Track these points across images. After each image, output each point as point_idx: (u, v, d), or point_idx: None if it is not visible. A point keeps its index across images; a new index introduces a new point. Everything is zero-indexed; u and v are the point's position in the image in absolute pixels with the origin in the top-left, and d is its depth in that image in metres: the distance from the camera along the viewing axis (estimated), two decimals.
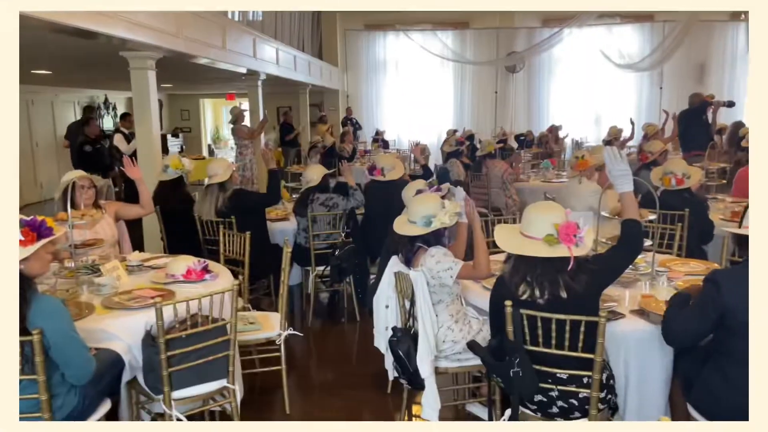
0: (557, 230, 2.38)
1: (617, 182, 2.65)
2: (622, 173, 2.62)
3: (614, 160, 2.64)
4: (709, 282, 2.30)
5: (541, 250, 2.38)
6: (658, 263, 3.41)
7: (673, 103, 14.24)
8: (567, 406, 2.39)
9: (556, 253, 2.35)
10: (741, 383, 2.20)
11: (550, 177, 7.53)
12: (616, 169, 2.63)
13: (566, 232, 2.38)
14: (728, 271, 2.41)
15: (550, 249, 2.37)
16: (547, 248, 2.37)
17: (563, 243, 2.37)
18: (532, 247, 2.40)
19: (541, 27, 14.61)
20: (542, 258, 2.37)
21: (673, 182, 4.21)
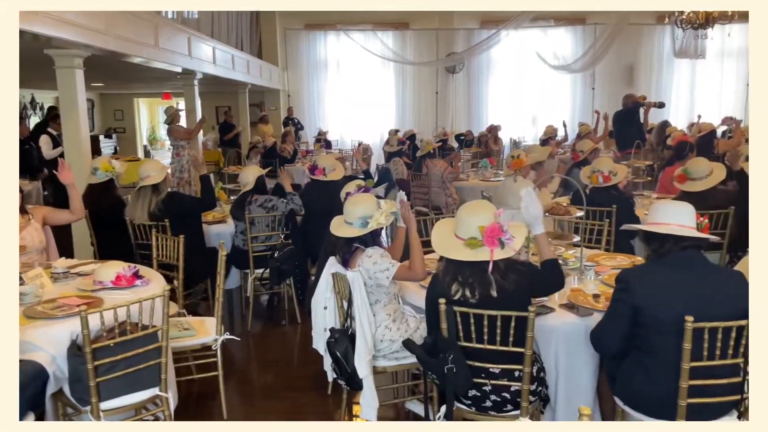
0: (482, 233, 2.43)
1: (531, 225, 2.67)
2: (534, 217, 2.65)
3: (530, 202, 2.65)
4: (618, 283, 2.40)
5: (464, 253, 2.43)
6: (587, 258, 3.54)
7: (605, 103, 14.81)
8: (500, 400, 2.45)
9: (478, 256, 2.40)
10: (658, 374, 2.32)
11: (489, 176, 7.69)
12: (530, 213, 2.65)
13: (491, 234, 2.43)
14: (635, 270, 2.50)
15: (472, 252, 2.42)
16: (469, 252, 2.42)
17: (486, 246, 2.42)
18: (457, 251, 2.45)
19: (479, 28, 14.89)
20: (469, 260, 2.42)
21: (601, 180, 4.39)
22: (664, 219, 2.41)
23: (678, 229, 2.36)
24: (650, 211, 2.53)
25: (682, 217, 2.41)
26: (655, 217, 2.45)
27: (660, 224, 2.40)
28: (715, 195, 4.60)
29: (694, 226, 2.43)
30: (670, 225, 2.38)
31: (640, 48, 14.96)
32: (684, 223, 2.39)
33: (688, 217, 2.42)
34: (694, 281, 2.32)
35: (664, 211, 2.45)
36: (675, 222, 2.39)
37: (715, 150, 8.31)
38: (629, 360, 2.44)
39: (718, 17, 9.44)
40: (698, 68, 14.92)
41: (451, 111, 15.48)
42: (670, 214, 2.42)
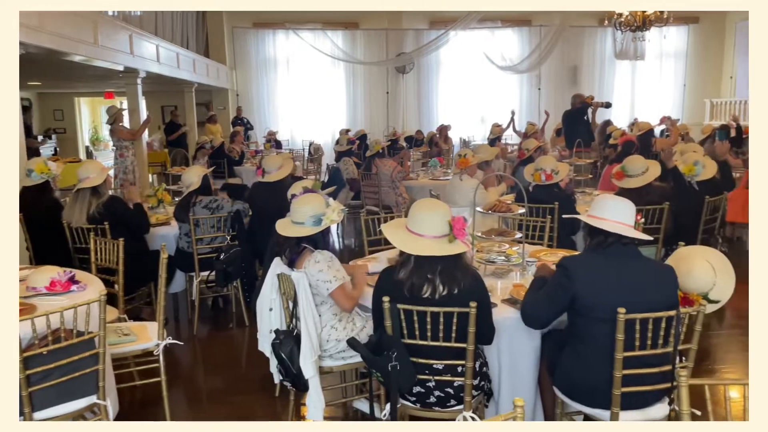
0: (451, 226, 2.47)
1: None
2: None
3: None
4: (560, 268, 2.48)
5: (445, 248, 2.44)
6: (529, 254, 3.63)
7: (551, 103, 15.22)
8: (443, 395, 2.48)
9: (456, 249, 2.44)
10: (594, 364, 2.40)
11: (438, 175, 7.77)
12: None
13: (459, 227, 2.48)
14: (577, 258, 2.59)
15: (450, 246, 2.45)
16: (448, 246, 2.45)
17: (458, 239, 2.46)
18: (437, 247, 2.45)
19: (428, 29, 15.03)
20: (441, 256, 2.44)
21: (543, 178, 4.51)
22: (608, 214, 2.49)
23: (622, 228, 2.45)
24: (594, 203, 2.61)
25: (624, 215, 2.50)
26: (599, 212, 2.53)
27: (604, 219, 2.49)
28: (650, 191, 4.79)
29: (633, 223, 2.53)
30: (616, 223, 2.46)
31: (583, 49, 15.41)
32: (625, 220, 2.49)
33: (629, 214, 2.52)
34: (629, 273, 2.42)
35: (608, 206, 2.53)
36: (617, 219, 2.47)
37: (653, 148, 8.66)
38: (568, 350, 2.52)
39: (654, 20, 9.81)
40: (638, 69, 15.48)
41: (401, 111, 15.57)
42: (614, 210, 2.50)
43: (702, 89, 15.56)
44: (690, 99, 15.66)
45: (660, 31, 12.15)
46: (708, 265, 2.85)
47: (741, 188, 6.48)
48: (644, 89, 15.64)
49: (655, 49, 15.04)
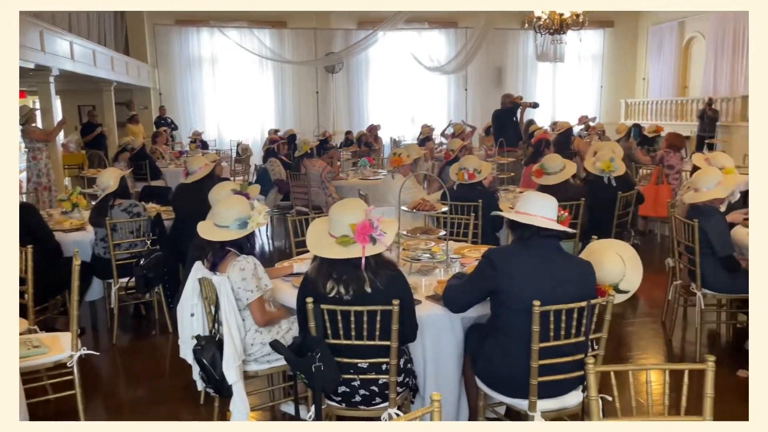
0: (353, 230, 2.48)
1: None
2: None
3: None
4: (484, 259, 2.57)
5: (336, 251, 2.46)
6: (453, 251, 3.71)
7: (477, 103, 15.62)
8: (369, 394, 2.50)
9: (350, 253, 2.44)
10: (513, 355, 2.49)
11: (368, 174, 7.80)
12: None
13: (362, 231, 2.48)
14: (501, 250, 2.70)
15: (344, 250, 2.45)
16: (341, 249, 2.46)
17: (358, 242, 2.47)
18: (329, 249, 2.47)
19: (356, 29, 15.06)
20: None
21: (466, 176, 4.62)
22: (531, 209, 2.59)
23: (542, 221, 2.54)
24: (519, 199, 2.72)
25: (546, 209, 2.60)
26: (522, 207, 2.63)
27: (527, 214, 2.58)
28: (567, 188, 5.00)
29: (555, 218, 2.63)
30: (536, 216, 2.56)
31: (507, 51, 15.89)
32: (547, 215, 2.59)
33: (551, 209, 2.62)
34: (550, 266, 2.52)
35: (531, 202, 2.63)
36: (539, 213, 2.57)
37: (572, 146, 9.04)
38: (489, 341, 2.60)
39: (571, 23, 10.24)
40: (558, 71, 16.12)
41: (332, 110, 15.53)
42: (537, 205, 2.60)
43: (617, 90, 16.39)
44: (606, 99, 16.47)
45: (577, 35, 12.69)
46: (618, 258, 2.99)
47: (652, 184, 6.88)
48: (564, 90, 16.30)
49: (575, 52, 15.70)
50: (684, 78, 15.08)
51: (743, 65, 12.72)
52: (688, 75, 15.01)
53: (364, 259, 2.44)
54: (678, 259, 4.19)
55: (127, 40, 13.81)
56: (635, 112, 15.57)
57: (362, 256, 2.43)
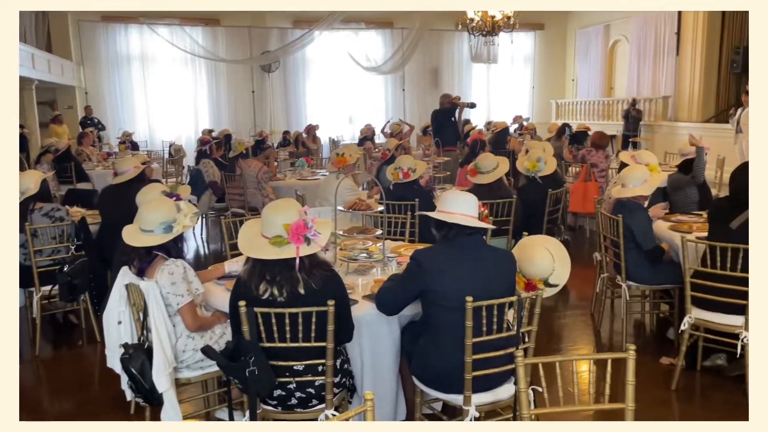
0: (287, 230, 2.45)
1: None
2: None
3: None
4: (412, 260, 2.60)
5: (269, 251, 2.42)
6: (390, 250, 3.73)
7: (414, 103, 15.79)
8: (305, 396, 2.48)
9: (284, 254, 2.41)
10: (446, 351, 2.53)
11: (306, 175, 7.74)
12: None
13: (296, 231, 2.46)
14: (428, 250, 2.71)
15: (278, 250, 2.42)
16: (275, 250, 2.42)
17: (292, 242, 2.44)
18: (262, 250, 2.43)
19: (292, 28, 14.91)
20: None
21: (401, 176, 4.66)
22: (453, 208, 2.63)
23: (464, 219, 2.59)
24: (441, 199, 2.75)
25: (467, 207, 2.65)
26: (444, 206, 2.67)
27: (449, 213, 2.62)
28: (501, 186, 5.14)
29: (476, 215, 2.69)
30: (457, 214, 2.60)
31: (443, 52, 16.14)
32: (468, 212, 2.64)
33: (472, 207, 2.67)
34: (475, 262, 2.57)
35: (452, 201, 2.67)
36: (461, 212, 2.62)
37: (507, 146, 9.28)
38: (423, 339, 2.63)
39: (502, 25, 10.50)
40: (492, 72, 16.50)
41: (269, 110, 15.31)
42: (458, 203, 2.65)
43: (548, 91, 16.94)
44: (538, 100, 16.99)
45: (509, 37, 13.03)
46: (547, 253, 3.08)
47: (580, 181, 7.15)
48: (498, 90, 16.71)
49: (507, 54, 16.11)
50: (610, 79, 15.74)
51: (664, 67, 13.40)
52: (613, 76, 15.68)
53: (298, 259, 2.41)
54: (604, 253, 4.36)
55: (49, 37, 13.14)
56: (565, 112, 16.14)
57: (296, 256, 2.41)
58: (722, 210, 3.50)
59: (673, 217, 4.50)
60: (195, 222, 2.86)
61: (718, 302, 3.29)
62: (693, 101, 12.64)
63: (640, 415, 3.21)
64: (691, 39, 12.58)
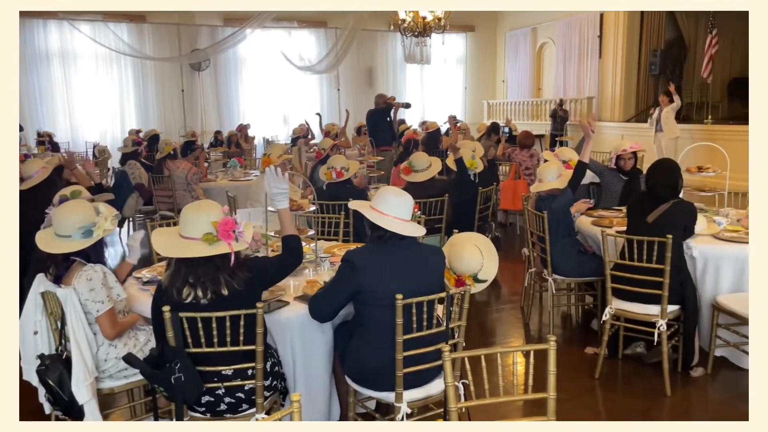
0: (216, 228, 2.40)
1: (275, 200, 2.72)
2: (279, 191, 2.71)
3: (273, 178, 2.72)
4: (343, 262, 2.59)
5: (202, 249, 2.36)
6: (323, 250, 3.71)
7: (350, 103, 15.74)
8: (234, 401, 2.43)
9: (217, 250, 2.36)
10: (378, 349, 2.54)
11: (238, 176, 7.59)
12: (274, 187, 2.71)
13: (225, 228, 2.41)
14: (359, 250, 2.71)
15: (210, 247, 2.37)
16: (207, 247, 2.37)
17: (223, 240, 2.39)
18: (193, 248, 2.37)
19: (223, 26, 14.56)
20: (203, 258, 2.36)
21: (334, 175, 4.64)
22: (388, 210, 2.63)
23: (396, 224, 2.60)
24: (376, 197, 2.72)
25: (401, 210, 2.65)
26: (379, 205, 2.66)
27: (383, 214, 2.62)
28: (434, 185, 5.21)
29: (410, 218, 2.70)
30: (390, 217, 2.61)
31: (377, 52, 16.20)
32: (401, 215, 2.64)
33: (406, 209, 2.68)
34: (406, 260, 2.59)
35: (387, 202, 2.66)
36: (395, 215, 2.62)
37: (440, 145, 9.43)
38: (355, 338, 2.63)
39: (433, 26, 10.65)
40: (426, 72, 16.71)
41: (199, 110, 14.89)
42: (392, 205, 2.65)
43: (480, 92, 17.33)
44: (470, 100, 17.35)
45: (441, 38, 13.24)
46: (476, 249, 3.15)
47: (510, 179, 7.36)
48: (432, 91, 16.94)
49: (441, 55, 16.35)
50: (538, 80, 16.26)
51: (588, 69, 13.97)
52: (541, 78, 16.20)
53: (233, 255, 2.37)
54: (532, 248, 4.51)
55: None
56: (496, 112, 16.56)
57: (231, 251, 2.37)
58: (639, 204, 3.69)
59: (596, 212, 4.70)
60: (116, 225, 2.75)
61: (636, 293, 3.47)
62: (615, 102, 13.25)
63: (566, 404, 3.36)
64: (612, 42, 13.18)
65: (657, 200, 3.57)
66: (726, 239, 3.78)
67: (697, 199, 4.84)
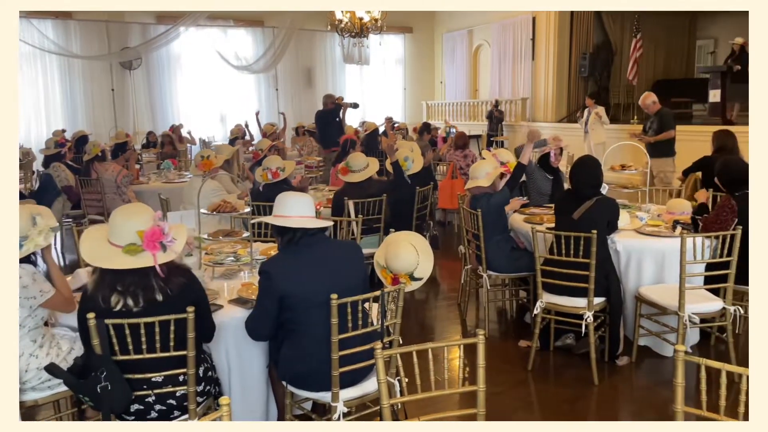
0: (141, 238, 2.32)
1: None
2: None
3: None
4: (261, 274, 2.56)
5: (123, 261, 2.28)
6: (259, 252, 3.67)
7: (288, 103, 15.62)
8: (166, 408, 2.37)
9: (140, 263, 2.28)
10: (312, 352, 2.54)
11: (172, 177, 7.39)
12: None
13: (151, 238, 2.33)
14: (274, 259, 2.67)
15: (132, 259, 2.29)
16: (129, 259, 2.29)
17: (147, 250, 2.32)
18: (114, 260, 2.28)
19: (155, 23, 14.13)
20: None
21: (270, 176, 4.60)
22: (290, 212, 2.62)
23: (302, 221, 2.59)
24: (276, 203, 2.69)
25: (303, 208, 2.65)
26: (281, 210, 2.65)
27: (287, 217, 2.61)
28: (371, 185, 5.23)
29: (314, 214, 2.70)
30: (294, 217, 2.60)
31: (316, 52, 16.12)
32: (305, 213, 2.64)
33: (309, 207, 2.68)
34: (324, 260, 2.60)
35: (287, 204, 2.65)
36: (299, 214, 2.62)
37: (379, 146, 9.48)
38: (287, 343, 2.62)
39: (371, 27, 10.71)
40: (365, 73, 16.77)
41: (131, 110, 14.39)
42: (293, 205, 2.64)
43: (419, 92, 17.54)
44: (410, 101, 17.53)
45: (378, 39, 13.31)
46: (412, 248, 3.19)
47: (448, 179, 7.49)
48: (372, 92, 17.00)
49: (380, 56, 16.45)
50: (475, 82, 16.61)
51: (522, 71, 14.38)
52: (478, 79, 16.56)
53: (158, 267, 2.30)
54: (467, 245, 4.60)
55: None
56: (435, 113, 16.81)
57: (155, 264, 2.29)
58: (565, 202, 3.84)
59: (527, 210, 4.85)
60: (50, 240, 2.61)
61: (565, 287, 3.61)
62: (548, 103, 13.71)
63: (501, 396, 3.46)
64: (544, 45, 13.63)
65: (581, 198, 3.73)
66: (647, 233, 3.99)
67: (621, 196, 5.08)
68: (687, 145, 7.39)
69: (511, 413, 3.30)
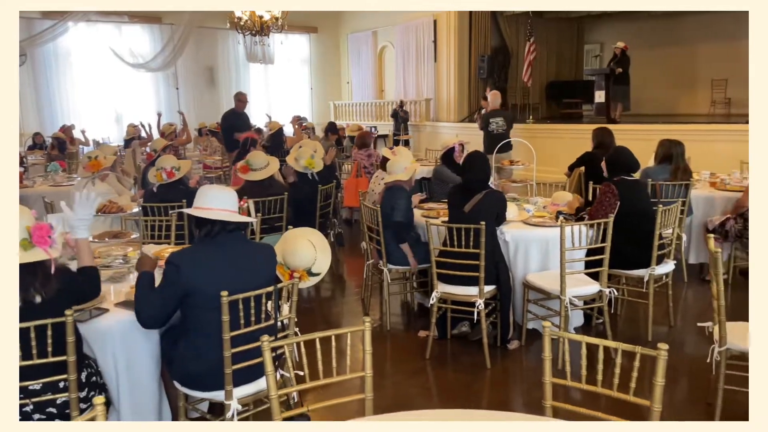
0: (30, 233, 2.21)
1: (75, 227, 2.56)
2: (82, 219, 2.56)
3: (83, 204, 2.55)
4: (168, 264, 2.50)
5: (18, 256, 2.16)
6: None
7: (190, 102, 15.13)
8: (46, 417, 2.26)
9: (35, 257, 2.19)
10: (205, 351, 2.50)
11: (60, 180, 6.97)
12: (79, 214, 2.54)
13: (39, 234, 2.23)
14: (184, 251, 2.64)
15: (26, 254, 2.18)
16: (23, 254, 2.17)
17: (39, 246, 2.21)
18: None
19: (41, 18, 13.21)
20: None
21: (164, 176, 4.46)
22: (211, 204, 2.59)
23: (224, 214, 2.56)
24: (198, 195, 2.66)
25: (227, 202, 2.62)
26: (202, 202, 2.60)
27: (210, 209, 2.57)
28: (273, 184, 5.20)
29: (237, 210, 2.68)
30: (216, 210, 2.57)
31: (218, 51, 15.70)
32: (229, 207, 2.61)
33: (232, 202, 2.65)
34: (236, 258, 2.57)
35: (211, 196, 2.62)
36: (221, 207, 2.58)
37: (284, 145, 9.41)
38: (182, 343, 2.56)
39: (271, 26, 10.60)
40: (270, 72, 16.53)
41: None
42: (218, 199, 2.61)
43: (326, 92, 17.54)
44: (317, 101, 17.49)
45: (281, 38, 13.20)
46: (309, 244, 3.23)
47: (352, 177, 7.56)
48: (278, 91, 16.80)
49: (285, 55, 16.28)
50: (380, 82, 16.84)
51: (425, 72, 14.75)
52: (383, 79, 16.80)
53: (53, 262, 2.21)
54: (369, 241, 4.69)
55: None
56: (342, 113, 16.88)
57: (50, 257, 2.20)
58: (457, 196, 4.01)
59: (426, 205, 5.01)
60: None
61: (458, 276, 3.77)
62: (450, 103, 14.15)
63: (401, 384, 3.57)
64: (445, 47, 14.06)
65: (471, 191, 3.91)
66: (534, 224, 4.24)
67: (511, 190, 5.36)
68: (576, 143, 7.93)
69: (410, 400, 3.41)
